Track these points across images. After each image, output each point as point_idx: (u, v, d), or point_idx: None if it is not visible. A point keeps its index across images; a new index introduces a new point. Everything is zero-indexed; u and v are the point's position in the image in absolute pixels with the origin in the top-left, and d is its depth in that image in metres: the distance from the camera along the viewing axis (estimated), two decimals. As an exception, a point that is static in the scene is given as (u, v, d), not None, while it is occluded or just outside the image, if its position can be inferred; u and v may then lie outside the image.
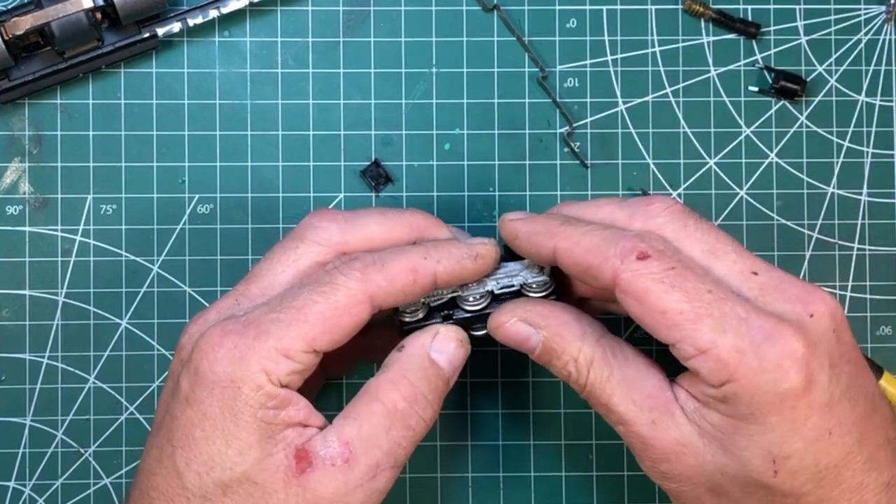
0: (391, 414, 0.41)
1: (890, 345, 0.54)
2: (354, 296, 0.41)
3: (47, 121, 0.52)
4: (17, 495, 0.52)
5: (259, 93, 0.53)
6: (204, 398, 0.40)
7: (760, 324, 0.38)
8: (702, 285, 0.39)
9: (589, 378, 0.41)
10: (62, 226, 0.52)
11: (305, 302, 0.40)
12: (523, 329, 0.43)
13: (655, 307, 0.39)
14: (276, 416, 0.40)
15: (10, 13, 0.49)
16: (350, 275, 0.41)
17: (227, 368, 0.39)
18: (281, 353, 0.40)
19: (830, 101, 0.54)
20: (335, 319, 0.40)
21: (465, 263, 0.43)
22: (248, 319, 0.41)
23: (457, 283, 0.43)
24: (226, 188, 0.53)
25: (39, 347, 0.52)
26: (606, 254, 0.40)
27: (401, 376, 0.42)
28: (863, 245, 0.54)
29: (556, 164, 0.53)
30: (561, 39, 0.54)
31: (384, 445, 0.40)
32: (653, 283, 0.39)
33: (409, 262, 0.42)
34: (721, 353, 0.38)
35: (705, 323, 0.38)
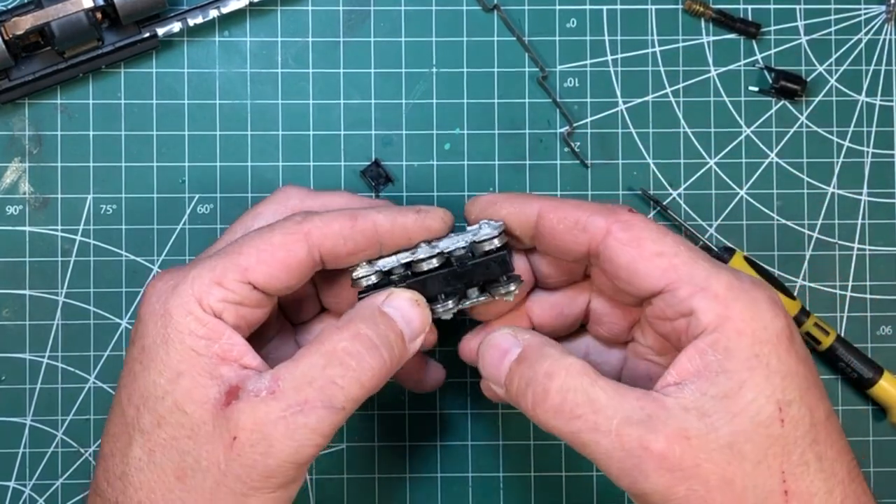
0: (329, 353, 0.40)
1: (890, 345, 0.54)
2: (291, 233, 0.41)
3: (47, 121, 0.52)
4: (17, 495, 0.52)
5: (259, 93, 0.53)
6: (143, 333, 0.41)
7: (744, 276, 0.40)
8: (682, 242, 0.41)
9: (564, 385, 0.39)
10: (62, 226, 0.52)
11: (243, 240, 0.42)
12: (508, 339, 0.42)
13: (652, 249, 0.40)
14: (207, 347, 0.40)
15: (10, 13, 0.49)
16: (290, 218, 0.42)
17: (161, 297, 0.40)
18: (214, 282, 0.40)
19: (830, 101, 0.54)
20: (270, 252, 0.41)
21: (408, 214, 0.43)
22: (192, 262, 0.42)
23: (401, 238, 0.43)
24: (226, 188, 0.53)
25: (39, 347, 0.52)
26: (596, 208, 0.41)
27: (347, 322, 0.41)
28: (863, 245, 0.54)
29: (556, 164, 0.53)
30: (561, 39, 0.54)
31: (317, 382, 0.39)
32: (646, 231, 0.40)
33: (350, 206, 0.43)
34: (719, 290, 0.39)
35: (700, 264, 0.40)
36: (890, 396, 0.53)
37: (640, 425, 0.38)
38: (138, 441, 0.40)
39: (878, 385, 0.53)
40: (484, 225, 0.44)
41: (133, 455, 0.40)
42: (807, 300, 0.54)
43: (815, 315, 0.53)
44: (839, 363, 0.53)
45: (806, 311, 0.52)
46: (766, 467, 0.38)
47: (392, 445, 0.53)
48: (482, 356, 0.43)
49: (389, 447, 0.53)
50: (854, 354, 0.53)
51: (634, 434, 0.38)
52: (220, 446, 0.39)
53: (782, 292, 0.52)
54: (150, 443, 0.40)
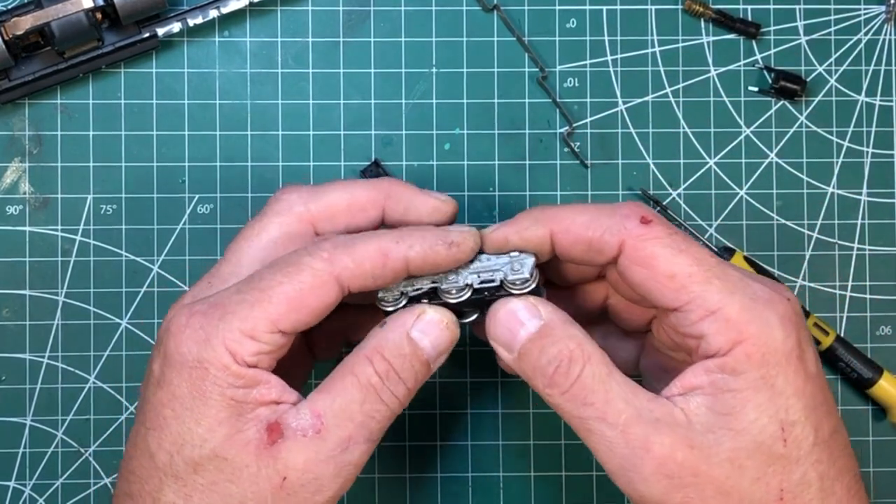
0: (364, 388, 0.40)
1: (890, 345, 0.54)
2: (320, 276, 0.40)
3: (47, 121, 0.52)
4: (17, 495, 0.52)
5: (259, 93, 0.53)
6: (173, 379, 0.40)
7: (759, 289, 0.39)
8: (705, 251, 0.40)
9: (584, 371, 0.39)
10: (62, 226, 0.52)
11: (270, 283, 0.40)
12: (529, 310, 0.41)
13: (664, 271, 0.39)
14: (246, 395, 0.40)
15: (10, 13, 0.49)
16: (317, 255, 0.41)
17: (192, 349, 0.40)
18: (245, 334, 0.40)
19: (830, 101, 0.54)
20: (300, 300, 0.40)
21: (439, 250, 0.41)
22: (215, 301, 0.41)
23: (430, 270, 0.42)
24: (226, 188, 0.53)
25: (39, 347, 0.52)
26: (607, 223, 0.40)
27: (376, 352, 0.41)
28: (863, 245, 0.54)
29: (556, 164, 0.53)
30: (561, 39, 0.54)
31: (357, 418, 0.40)
32: (659, 247, 0.39)
33: (380, 244, 0.41)
34: (731, 313, 0.38)
35: (714, 284, 0.39)
36: (890, 396, 0.53)
37: (647, 425, 0.39)
38: (171, 486, 0.40)
39: (877, 385, 0.53)
40: (515, 261, 0.42)
41: (166, 500, 0.40)
42: (807, 300, 0.54)
43: (815, 315, 0.53)
44: (839, 363, 0.53)
45: (806, 311, 0.53)
46: (765, 484, 0.38)
47: (392, 445, 0.53)
48: (496, 317, 0.42)
49: (389, 447, 0.53)
50: (854, 354, 0.53)
51: (640, 433, 0.38)
52: (268, 486, 0.39)
53: (782, 292, 0.52)
54: (187, 488, 0.40)
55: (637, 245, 0.40)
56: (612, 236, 0.40)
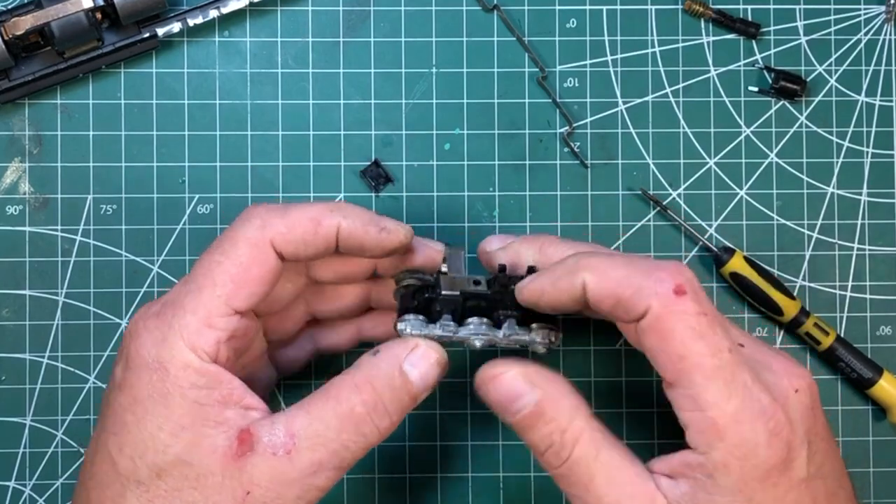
0: (346, 416, 0.40)
1: (890, 345, 0.54)
2: (256, 244, 0.40)
3: (47, 121, 0.52)
4: (17, 495, 0.52)
5: (259, 93, 0.53)
6: (134, 382, 0.40)
7: (760, 397, 0.38)
8: (725, 342, 0.38)
9: (573, 453, 0.40)
10: (62, 226, 0.52)
11: (210, 266, 0.40)
12: (519, 385, 0.41)
13: (676, 351, 0.38)
14: (209, 396, 0.39)
15: (10, 13, 0.49)
16: (250, 223, 0.41)
17: (151, 351, 0.39)
18: (201, 324, 0.39)
19: (830, 101, 0.54)
20: (243, 273, 0.40)
21: (370, 229, 0.42)
22: (166, 300, 0.41)
23: (357, 249, 0.42)
24: (226, 188, 0.53)
25: (39, 347, 0.52)
26: (640, 284, 0.39)
27: (365, 381, 0.40)
28: (863, 245, 0.54)
29: (556, 164, 0.53)
30: (561, 39, 0.54)
31: (331, 445, 0.39)
32: (681, 325, 0.38)
33: (313, 211, 0.41)
34: (719, 418, 0.38)
35: (716, 383, 0.38)
36: (890, 396, 0.53)
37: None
38: (134, 492, 0.39)
39: (877, 385, 0.53)
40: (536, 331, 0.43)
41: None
42: (807, 300, 0.54)
43: (815, 315, 0.53)
44: (839, 363, 0.53)
45: (806, 312, 0.53)
46: None
47: (392, 446, 0.52)
48: (488, 389, 0.42)
49: (389, 448, 0.53)
50: (854, 354, 0.53)
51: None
52: (230, 498, 0.39)
53: (782, 292, 0.52)
54: (149, 493, 0.39)
55: (662, 315, 0.38)
56: (641, 298, 0.38)
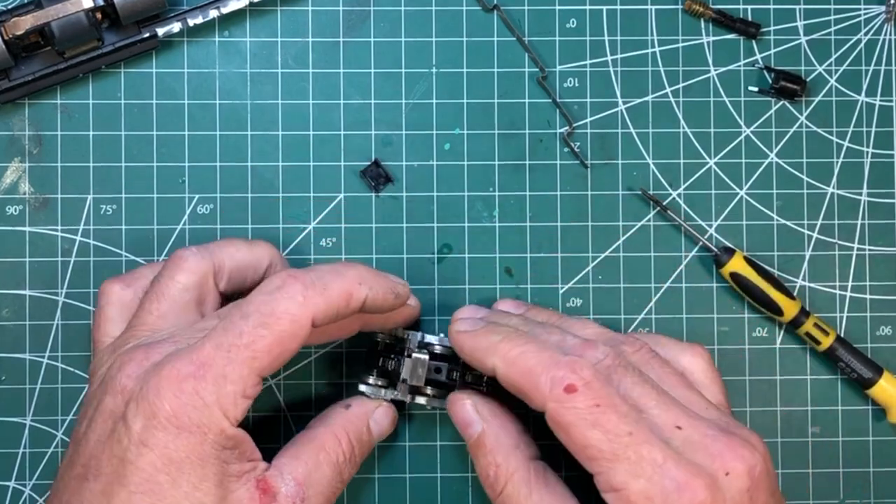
0: (334, 465, 0.44)
1: (890, 345, 0.54)
2: (298, 321, 0.42)
3: (47, 121, 0.52)
4: (17, 495, 0.52)
5: (259, 93, 0.53)
6: (168, 443, 0.40)
7: (674, 474, 0.39)
8: (623, 426, 0.40)
9: (505, 489, 0.43)
10: (62, 226, 0.52)
11: (252, 336, 0.41)
12: (471, 414, 0.46)
13: (578, 441, 0.40)
14: (231, 456, 0.41)
15: (10, 13, 0.49)
16: (293, 299, 0.42)
17: (192, 415, 0.40)
18: (239, 395, 0.41)
19: (830, 101, 0.54)
20: (281, 348, 0.41)
21: (389, 297, 0.45)
22: (200, 360, 0.41)
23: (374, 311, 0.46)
24: (226, 188, 0.53)
25: (39, 347, 0.52)
26: (538, 382, 0.41)
27: (344, 433, 0.45)
28: (863, 245, 0.54)
29: (556, 164, 0.53)
30: (561, 39, 0.54)
31: (326, 492, 0.44)
32: (576, 418, 0.40)
33: (348, 286, 0.43)
34: (631, 497, 0.39)
35: (621, 464, 0.39)
36: (890, 396, 0.53)
37: None
38: None
39: (877, 385, 0.53)
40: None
41: None
42: (807, 300, 0.54)
43: (815, 315, 0.53)
44: (839, 363, 0.53)
45: (806, 312, 0.53)
46: None
47: (392, 445, 0.53)
48: (452, 411, 0.47)
49: (389, 447, 0.53)
50: (854, 354, 0.53)
51: None
52: None
53: (782, 292, 0.52)
54: None
55: (557, 410, 0.41)
56: (538, 395, 0.41)
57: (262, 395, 0.42)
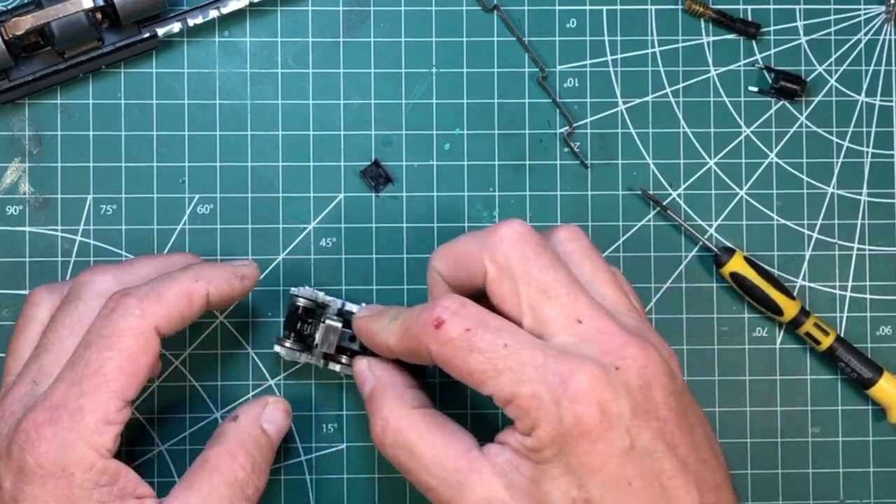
0: (232, 484, 0.43)
1: (890, 345, 0.54)
2: (142, 334, 0.42)
3: (47, 121, 0.52)
4: (17, 495, 0.52)
5: (259, 93, 0.53)
6: (37, 494, 0.40)
7: (556, 368, 0.39)
8: (498, 340, 0.40)
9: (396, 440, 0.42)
10: (62, 226, 0.52)
11: (99, 361, 0.41)
12: (365, 372, 0.46)
13: (462, 371, 0.40)
14: (110, 493, 0.41)
15: (10, 13, 0.49)
16: (130, 313, 0.42)
17: (53, 458, 0.40)
18: (101, 423, 0.40)
19: (830, 101, 0.54)
20: (132, 365, 0.41)
21: (233, 283, 0.46)
22: (53, 402, 0.41)
23: (227, 302, 0.46)
24: (226, 188, 0.53)
25: (39, 347, 0.52)
26: (416, 334, 0.41)
27: (239, 447, 0.44)
28: (863, 245, 0.54)
29: (556, 164, 0.53)
30: (561, 39, 0.54)
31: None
32: (453, 349, 0.40)
33: (183, 287, 0.43)
34: (521, 402, 0.39)
35: (505, 376, 0.39)
36: (890, 396, 0.53)
37: (451, 489, 0.41)
38: None
39: (877, 385, 0.53)
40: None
41: None
42: (807, 300, 0.54)
43: (815, 315, 0.53)
44: (839, 363, 0.53)
45: (806, 312, 0.53)
46: None
47: (392, 445, 0.52)
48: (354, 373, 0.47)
49: (389, 447, 0.53)
50: (854, 354, 0.53)
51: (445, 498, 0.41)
52: None
53: (782, 292, 0.52)
54: None
55: (437, 350, 0.40)
56: (422, 346, 0.41)
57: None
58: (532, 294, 0.41)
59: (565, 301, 0.40)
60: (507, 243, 0.41)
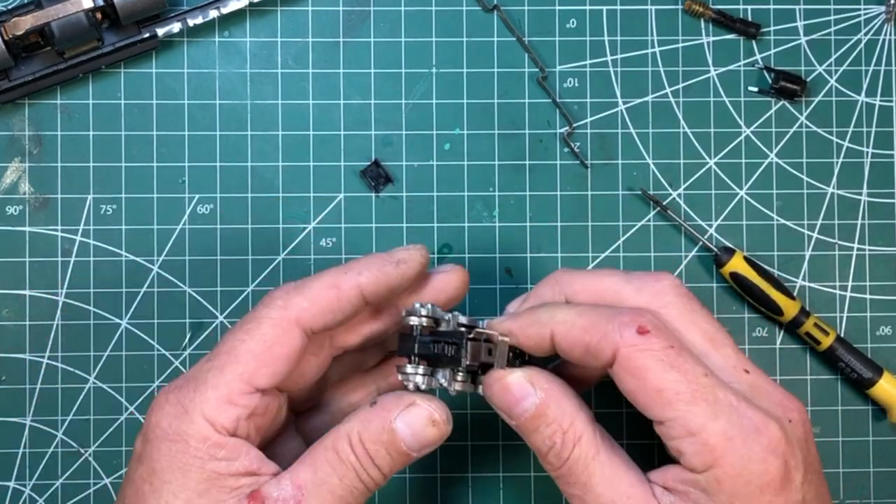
0: (344, 464, 0.41)
1: (890, 345, 0.54)
2: (279, 324, 0.41)
3: (47, 121, 0.52)
4: (17, 495, 0.52)
5: (259, 93, 0.53)
6: (153, 454, 0.40)
7: (751, 415, 0.39)
8: (699, 368, 0.39)
9: (573, 453, 0.41)
10: (62, 226, 0.52)
11: (234, 343, 0.41)
12: (524, 387, 0.42)
13: (653, 385, 0.39)
14: (228, 467, 0.40)
15: (10, 13, 0.49)
16: (272, 305, 0.42)
17: (172, 423, 0.40)
18: (222, 401, 0.40)
19: (830, 101, 0.54)
20: (266, 352, 0.41)
21: (388, 269, 0.43)
22: (189, 375, 0.41)
23: (385, 293, 0.43)
24: (226, 188, 0.53)
25: (39, 347, 0.52)
26: (605, 329, 0.40)
27: (357, 434, 0.41)
28: (863, 245, 0.54)
29: (556, 164, 0.53)
30: (561, 39, 0.54)
31: (337, 492, 0.41)
32: (651, 360, 0.39)
33: (329, 278, 0.42)
34: (710, 438, 0.38)
35: (700, 406, 0.39)
36: (890, 396, 0.53)
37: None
38: None
39: (877, 385, 0.53)
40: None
41: None
42: (807, 300, 0.54)
43: (815, 315, 0.53)
44: (839, 363, 0.53)
45: (806, 311, 0.53)
46: None
47: (392, 445, 0.52)
48: (493, 392, 0.43)
49: (389, 447, 0.52)
50: (854, 354, 0.53)
51: None
52: None
53: (782, 292, 0.52)
54: None
55: (630, 355, 0.39)
56: (608, 343, 0.40)
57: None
58: (699, 343, 0.41)
59: (730, 352, 0.41)
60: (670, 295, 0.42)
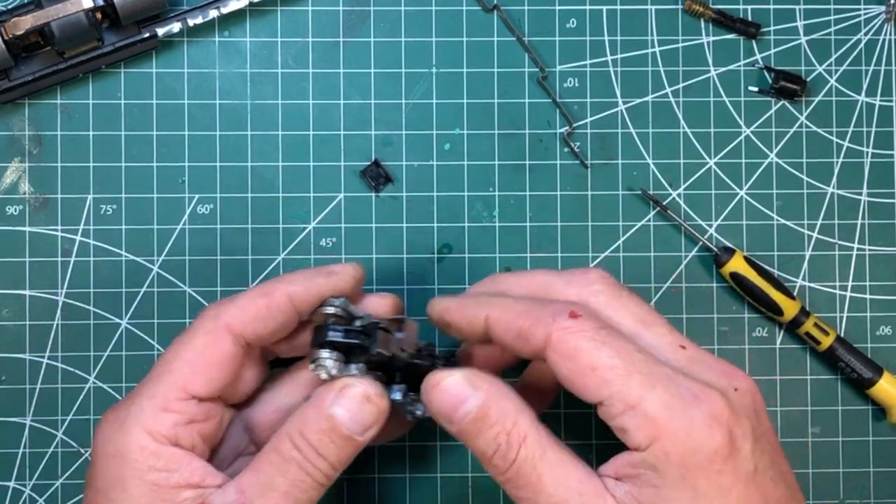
0: (286, 462, 0.41)
1: (890, 345, 0.54)
2: (211, 332, 0.42)
3: (47, 121, 0.52)
4: (17, 495, 0.52)
5: (259, 93, 0.53)
6: (96, 475, 0.41)
7: (688, 385, 0.39)
8: (631, 345, 0.40)
9: (519, 454, 0.40)
10: (62, 226, 0.52)
11: (169, 356, 0.42)
12: (463, 389, 0.40)
13: (586, 363, 0.39)
14: (168, 479, 0.41)
15: (10, 13, 0.49)
16: (205, 316, 0.43)
17: (111, 438, 0.41)
18: (157, 409, 0.41)
19: (830, 101, 0.54)
20: (200, 360, 0.42)
21: (318, 279, 0.43)
22: (131, 394, 0.42)
23: (315, 301, 0.43)
24: (226, 188, 0.53)
25: (39, 347, 0.52)
26: (538, 314, 0.40)
27: (297, 432, 0.41)
28: (863, 245, 0.54)
29: (556, 164, 0.53)
30: (561, 39, 0.54)
31: (281, 487, 0.40)
32: (583, 340, 0.39)
33: (261, 287, 0.43)
34: (649, 408, 0.38)
35: (635, 378, 0.38)
36: (890, 396, 0.53)
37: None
38: None
39: (877, 385, 0.53)
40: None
41: None
42: (807, 300, 0.54)
43: (815, 315, 0.53)
44: (839, 363, 0.53)
45: (806, 312, 0.53)
46: None
47: (392, 446, 0.52)
48: (431, 397, 0.41)
49: (389, 447, 0.53)
50: (854, 354, 0.53)
51: None
52: None
53: (782, 292, 0.52)
54: None
55: (563, 337, 0.39)
56: (540, 327, 0.40)
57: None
58: (631, 325, 0.41)
59: (663, 330, 0.41)
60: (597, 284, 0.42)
